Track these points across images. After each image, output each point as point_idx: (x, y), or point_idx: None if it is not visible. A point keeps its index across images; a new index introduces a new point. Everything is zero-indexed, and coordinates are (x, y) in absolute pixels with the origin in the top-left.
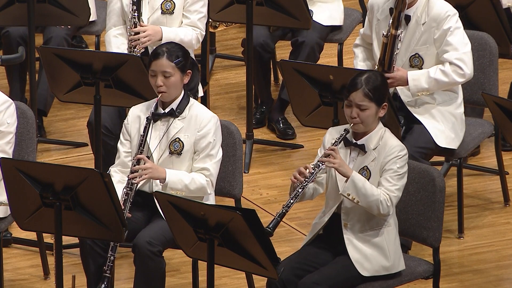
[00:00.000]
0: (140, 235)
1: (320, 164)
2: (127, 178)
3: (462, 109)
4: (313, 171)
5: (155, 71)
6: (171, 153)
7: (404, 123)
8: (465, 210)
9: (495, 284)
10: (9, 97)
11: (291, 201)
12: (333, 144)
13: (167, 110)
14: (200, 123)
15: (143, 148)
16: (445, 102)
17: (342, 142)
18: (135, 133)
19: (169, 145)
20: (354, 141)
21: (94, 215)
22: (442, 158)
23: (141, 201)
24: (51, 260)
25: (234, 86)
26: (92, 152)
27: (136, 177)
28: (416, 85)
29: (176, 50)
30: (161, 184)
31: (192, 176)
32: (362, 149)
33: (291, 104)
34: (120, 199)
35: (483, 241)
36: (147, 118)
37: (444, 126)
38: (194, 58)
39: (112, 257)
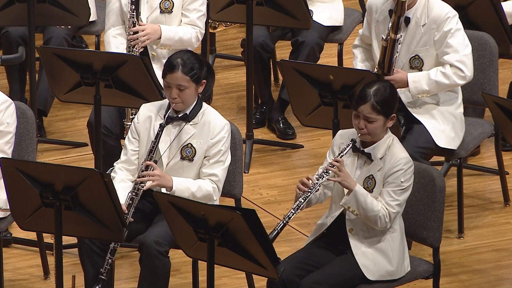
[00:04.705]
0: (148, 234)
1: (324, 175)
2: (130, 177)
3: (462, 109)
4: (316, 181)
5: (170, 84)
6: (182, 158)
7: (404, 123)
8: (465, 210)
9: (495, 284)
10: (9, 97)
11: (293, 211)
12: (339, 155)
13: (180, 114)
14: (213, 130)
15: (153, 154)
16: (445, 102)
17: (342, 160)
18: (144, 133)
19: (181, 150)
20: (362, 148)
21: (94, 215)
22: (442, 158)
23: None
24: (51, 260)
25: (234, 86)
26: (92, 152)
27: (143, 182)
28: (416, 87)
29: (191, 62)
30: (168, 192)
31: (198, 184)
32: (368, 157)
33: (291, 104)
34: (124, 202)
35: (483, 241)
36: (160, 124)
37: (444, 126)
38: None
39: (110, 260)
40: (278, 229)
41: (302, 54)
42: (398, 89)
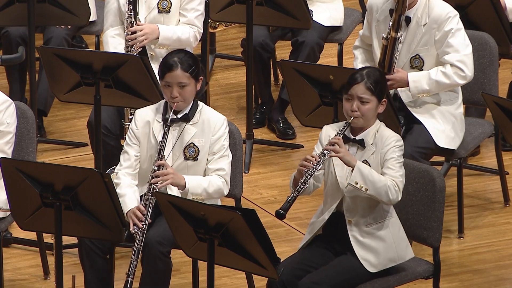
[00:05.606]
0: (150, 234)
1: (326, 153)
2: (134, 182)
3: (462, 109)
4: (319, 159)
5: (170, 83)
6: (186, 158)
7: (404, 123)
8: (465, 210)
9: (495, 284)
10: (9, 97)
11: (301, 186)
12: (337, 135)
13: (180, 115)
14: (214, 127)
15: (163, 153)
16: (446, 102)
17: (341, 138)
18: (144, 138)
19: (184, 150)
20: (352, 136)
21: (94, 215)
22: (442, 158)
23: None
24: (51, 260)
25: (234, 86)
26: (92, 152)
27: (157, 183)
28: (416, 87)
29: (187, 59)
30: (181, 190)
31: (209, 179)
32: (361, 144)
33: (291, 104)
34: (142, 204)
35: (483, 241)
36: (166, 124)
37: (444, 126)
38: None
39: (135, 262)
40: (290, 201)
41: (302, 54)
42: (398, 89)
